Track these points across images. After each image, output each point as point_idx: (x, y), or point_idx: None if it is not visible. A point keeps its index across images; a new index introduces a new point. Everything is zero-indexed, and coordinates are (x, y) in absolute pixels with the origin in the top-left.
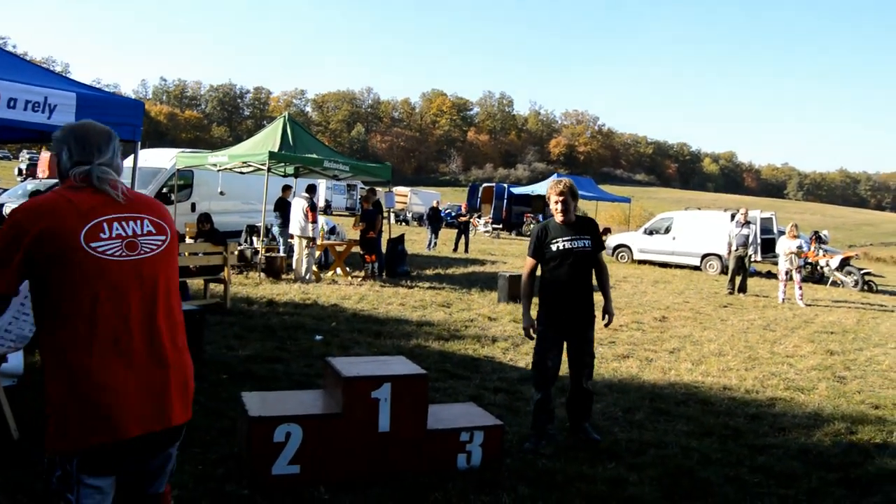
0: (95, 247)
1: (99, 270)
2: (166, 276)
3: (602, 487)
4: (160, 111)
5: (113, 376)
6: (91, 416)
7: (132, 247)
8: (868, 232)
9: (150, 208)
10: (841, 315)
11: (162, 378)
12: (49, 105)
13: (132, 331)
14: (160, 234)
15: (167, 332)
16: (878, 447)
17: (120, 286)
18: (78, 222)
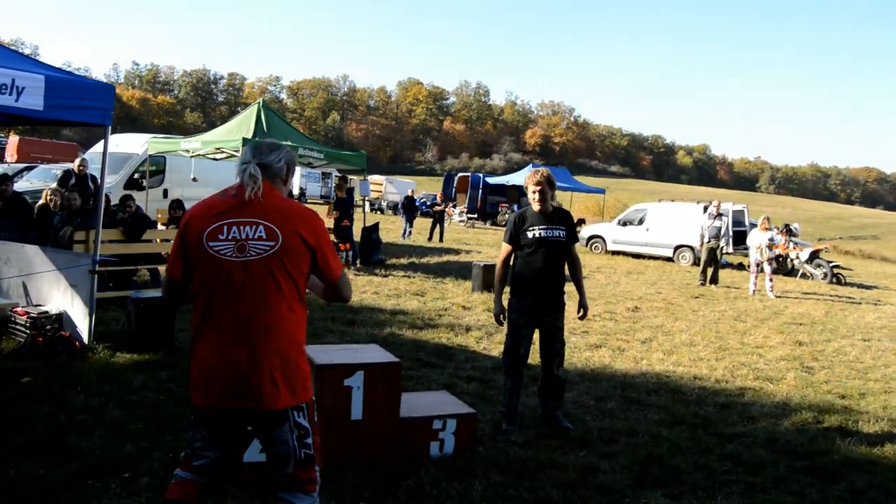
0: (212, 245)
1: (212, 267)
2: (270, 277)
3: (573, 475)
4: (132, 96)
5: (209, 359)
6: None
7: (241, 249)
8: (837, 225)
9: (272, 215)
10: (810, 307)
11: (245, 366)
12: (17, 87)
13: (228, 322)
14: (270, 240)
15: (259, 327)
16: (843, 436)
17: (225, 282)
18: (206, 223)
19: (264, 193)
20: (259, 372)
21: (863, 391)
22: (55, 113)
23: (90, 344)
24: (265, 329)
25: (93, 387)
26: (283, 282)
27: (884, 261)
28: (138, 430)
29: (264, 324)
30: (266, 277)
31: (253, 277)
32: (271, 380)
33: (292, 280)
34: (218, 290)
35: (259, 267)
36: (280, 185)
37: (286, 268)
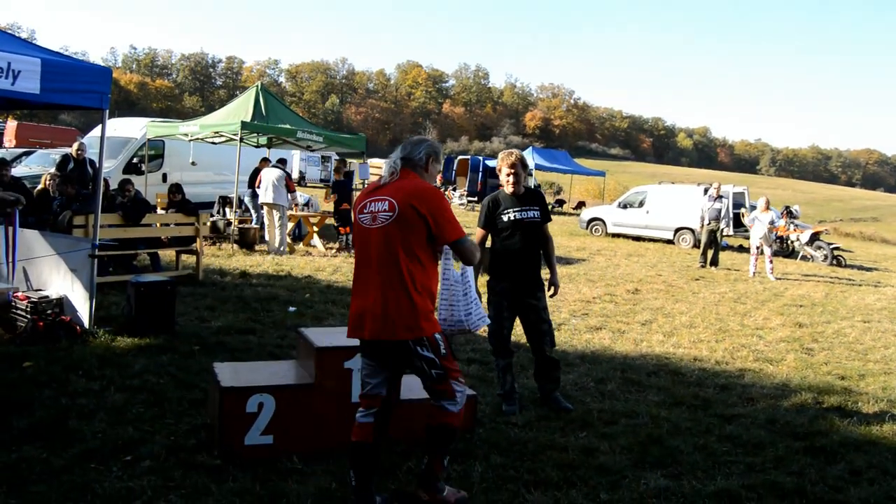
0: (360, 217)
1: (359, 233)
2: (391, 239)
3: (574, 456)
4: (130, 80)
5: (355, 304)
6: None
7: (374, 219)
8: (838, 207)
9: (396, 193)
10: (810, 289)
11: (380, 304)
12: (13, 71)
13: (370, 272)
14: (389, 211)
15: (390, 274)
16: (843, 416)
17: (365, 244)
18: (359, 202)
19: (400, 178)
20: (385, 312)
21: (862, 372)
22: (52, 97)
23: (91, 328)
24: (389, 279)
25: (94, 371)
26: (401, 243)
27: (884, 243)
28: (139, 414)
29: (389, 275)
30: (389, 239)
31: (380, 239)
32: (392, 319)
33: (409, 242)
34: (361, 250)
35: (383, 231)
36: (420, 172)
37: (403, 232)
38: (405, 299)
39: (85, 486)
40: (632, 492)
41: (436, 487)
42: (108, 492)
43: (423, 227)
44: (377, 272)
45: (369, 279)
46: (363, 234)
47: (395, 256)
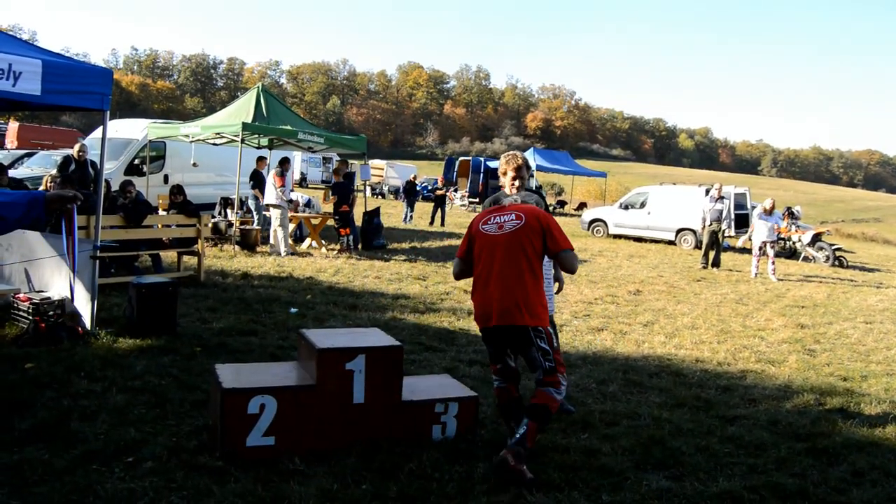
0: (483, 228)
1: (484, 239)
2: (519, 241)
3: (576, 457)
4: (131, 81)
5: (480, 297)
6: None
7: (500, 227)
8: (839, 208)
9: (520, 209)
10: (812, 290)
11: (508, 295)
12: (14, 72)
13: (495, 270)
14: (517, 220)
15: (515, 271)
16: (845, 418)
17: (493, 247)
18: (483, 216)
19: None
20: (514, 301)
21: (864, 373)
22: (53, 98)
23: (92, 329)
24: (515, 275)
25: (95, 372)
26: (526, 246)
27: (886, 243)
28: (141, 415)
29: (514, 272)
30: (516, 242)
31: (508, 243)
32: (517, 307)
33: (532, 246)
34: (486, 254)
35: (512, 236)
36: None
37: (528, 237)
38: (529, 291)
39: (87, 487)
40: (634, 493)
41: (522, 456)
42: (110, 493)
43: (541, 237)
44: (503, 270)
45: (495, 276)
46: (489, 240)
47: (520, 256)
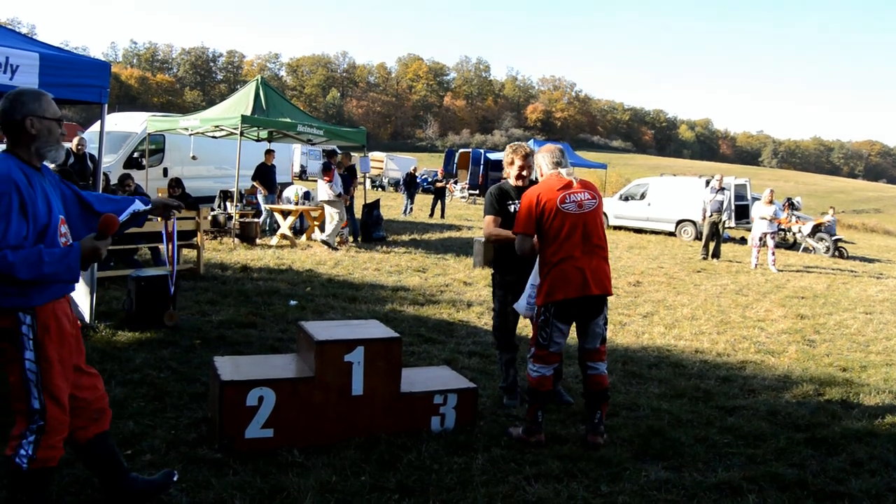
0: (563, 206)
1: (567, 217)
2: (598, 217)
3: (574, 448)
4: (131, 74)
5: (568, 270)
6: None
7: (580, 206)
8: (840, 199)
9: (587, 187)
10: (812, 280)
11: (594, 267)
12: (11, 65)
13: (578, 245)
14: (592, 199)
15: (597, 245)
16: (844, 408)
17: (576, 224)
18: (556, 194)
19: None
20: (600, 272)
21: (864, 364)
22: (51, 91)
23: (92, 323)
24: (598, 249)
25: (94, 365)
26: (601, 222)
27: (886, 234)
28: (140, 408)
29: (596, 246)
30: (595, 219)
31: (590, 219)
32: (608, 277)
33: (602, 221)
34: (570, 230)
35: (592, 214)
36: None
37: (600, 215)
38: (606, 263)
39: (85, 480)
40: (633, 484)
41: (602, 431)
42: None
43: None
44: (587, 244)
45: (579, 250)
46: (572, 218)
47: (601, 231)
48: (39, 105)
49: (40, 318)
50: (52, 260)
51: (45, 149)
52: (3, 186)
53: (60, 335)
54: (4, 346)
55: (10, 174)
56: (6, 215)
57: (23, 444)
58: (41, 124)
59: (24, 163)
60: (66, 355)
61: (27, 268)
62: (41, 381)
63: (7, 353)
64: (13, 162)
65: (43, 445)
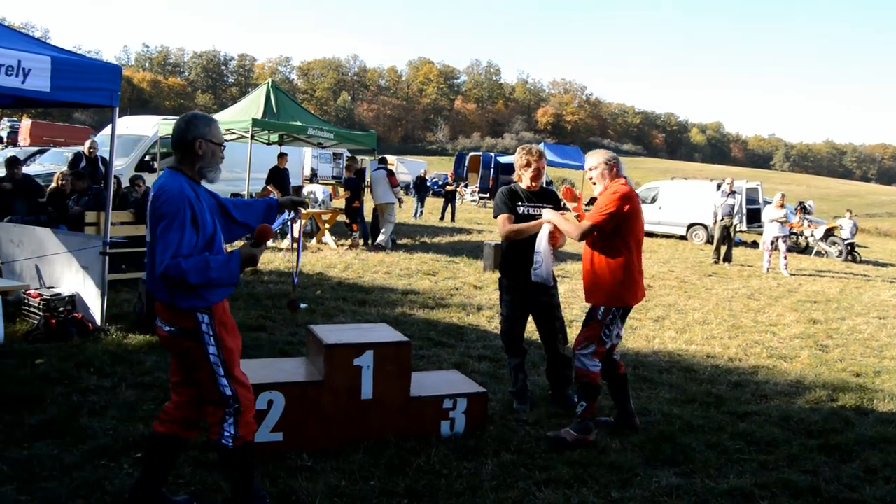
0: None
1: (642, 225)
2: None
3: (585, 453)
4: (143, 78)
5: (638, 277)
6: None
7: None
8: (853, 203)
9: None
10: (824, 285)
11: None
12: (23, 69)
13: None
14: None
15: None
16: (858, 414)
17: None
18: (637, 201)
19: None
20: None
21: (878, 369)
22: (62, 94)
23: (103, 325)
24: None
25: (105, 368)
26: None
27: None
28: (150, 411)
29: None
30: None
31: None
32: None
33: None
34: (641, 240)
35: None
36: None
37: None
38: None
39: (95, 482)
40: (643, 490)
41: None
42: (118, 488)
43: None
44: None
45: (641, 258)
46: (643, 226)
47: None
48: (209, 129)
49: (216, 315)
50: (217, 266)
51: (207, 169)
52: (179, 202)
53: (232, 329)
54: (191, 346)
55: (183, 190)
56: (181, 227)
57: (224, 427)
58: (208, 147)
59: (189, 179)
60: (238, 345)
61: (197, 273)
62: (227, 370)
63: (193, 352)
64: (182, 178)
65: (241, 423)
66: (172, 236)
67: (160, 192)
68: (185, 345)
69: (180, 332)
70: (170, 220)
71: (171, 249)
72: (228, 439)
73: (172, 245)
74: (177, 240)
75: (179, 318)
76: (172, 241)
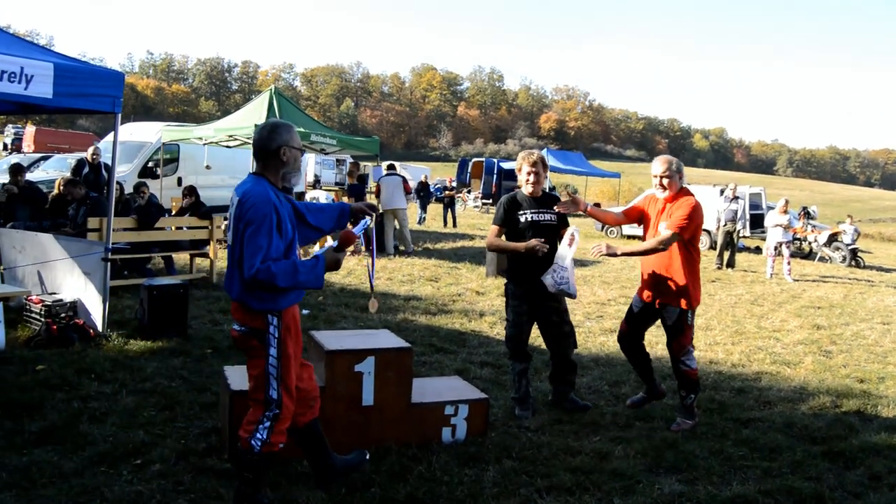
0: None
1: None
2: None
3: (587, 460)
4: (147, 85)
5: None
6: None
7: None
8: (857, 208)
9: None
10: (828, 290)
11: None
12: (26, 75)
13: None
14: None
15: None
16: (862, 421)
17: None
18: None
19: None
20: None
21: (882, 375)
22: (64, 101)
23: (104, 331)
24: None
25: (106, 374)
26: None
27: None
28: (151, 418)
29: None
30: None
31: None
32: None
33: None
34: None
35: None
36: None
37: None
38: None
39: (94, 489)
40: (646, 497)
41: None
42: (117, 496)
43: None
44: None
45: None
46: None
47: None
48: (291, 137)
49: (284, 320)
50: (304, 270)
51: (290, 174)
52: (266, 207)
53: (295, 334)
54: (254, 344)
55: (269, 196)
56: (269, 232)
57: (259, 428)
58: (291, 153)
59: (272, 185)
60: (297, 351)
61: (286, 277)
62: (280, 374)
63: (255, 350)
64: (267, 185)
65: (275, 431)
66: (261, 241)
67: (246, 197)
68: (251, 343)
69: (249, 332)
70: (258, 225)
71: (261, 254)
72: (258, 442)
73: (262, 249)
74: (266, 244)
75: (250, 318)
76: (262, 246)
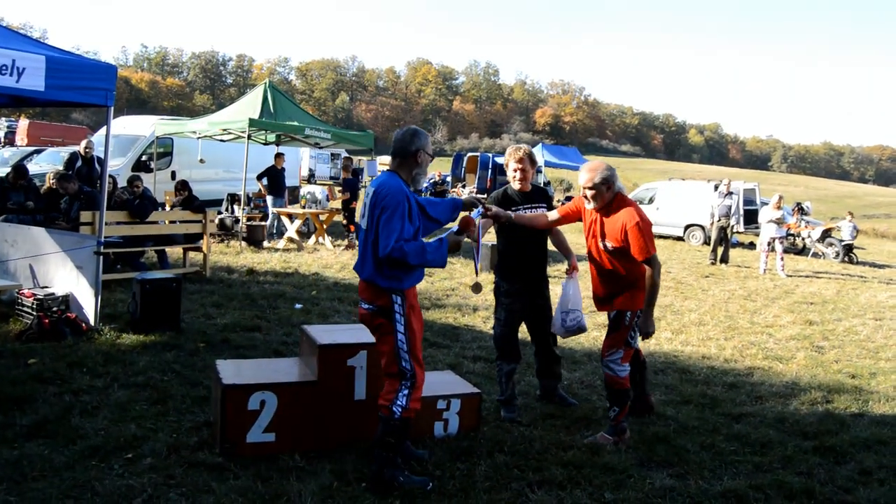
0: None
1: None
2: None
3: (579, 454)
4: (141, 78)
5: None
6: None
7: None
8: (851, 204)
9: None
10: (821, 286)
11: None
12: (17, 68)
13: None
14: None
15: None
16: (853, 416)
17: None
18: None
19: None
20: None
21: (873, 371)
22: (57, 94)
23: (96, 325)
24: None
25: (98, 368)
26: None
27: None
28: (142, 411)
29: None
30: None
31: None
32: None
33: None
34: None
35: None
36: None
37: None
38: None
39: (85, 483)
40: (637, 491)
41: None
42: (108, 489)
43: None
44: None
45: None
46: None
47: None
48: (427, 143)
49: (408, 298)
50: (431, 250)
51: (420, 176)
52: (400, 196)
53: (418, 312)
54: (382, 322)
55: (402, 188)
56: (402, 217)
57: (399, 396)
58: (425, 157)
59: (403, 181)
60: (420, 328)
61: (416, 255)
62: (409, 347)
63: (383, 328)
64: (399, 180)
65: (412, 398)
66: (395, 224)
67: (381, 188)
68: (378, 321)
69: (377, 310)
70: (392, 211)
71: (396, 235)
72: (398, 409)
73: (396, 231)
74: (399, 227)
75: (377, 297)
76: (396, 228)
